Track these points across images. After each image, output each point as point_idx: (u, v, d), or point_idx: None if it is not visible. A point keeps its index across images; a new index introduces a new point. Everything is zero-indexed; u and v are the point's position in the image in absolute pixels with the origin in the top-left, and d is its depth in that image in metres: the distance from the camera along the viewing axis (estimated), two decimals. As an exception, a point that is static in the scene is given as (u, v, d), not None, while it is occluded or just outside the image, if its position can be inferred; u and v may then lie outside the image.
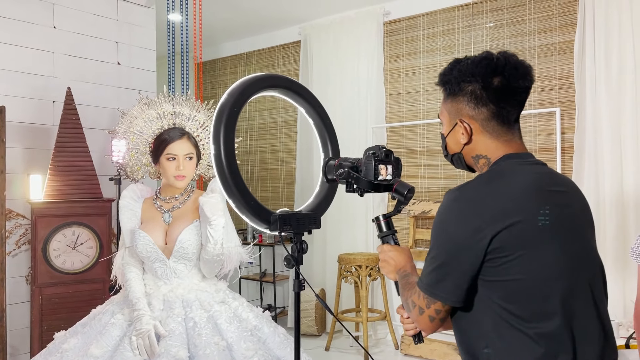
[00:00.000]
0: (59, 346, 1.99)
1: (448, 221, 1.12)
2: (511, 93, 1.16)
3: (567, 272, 1.08)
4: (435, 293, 1.12)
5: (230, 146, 1.60)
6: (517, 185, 1.11)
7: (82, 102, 3.54)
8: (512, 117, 1.18)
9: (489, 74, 1.15)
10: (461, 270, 1.09)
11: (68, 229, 3.09)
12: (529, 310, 1.06)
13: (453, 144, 1.25)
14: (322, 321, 4.67)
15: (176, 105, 2.20)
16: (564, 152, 3.63)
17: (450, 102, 1.23)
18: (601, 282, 1.18)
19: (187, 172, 2.10)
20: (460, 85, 1.19)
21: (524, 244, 1.06)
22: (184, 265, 2.08)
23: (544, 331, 1.05)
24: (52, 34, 3.55)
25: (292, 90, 1.81)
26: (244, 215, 1.63)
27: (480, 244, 1.06)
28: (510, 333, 1.06)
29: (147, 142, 2.18)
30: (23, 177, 3.35)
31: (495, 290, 1.08)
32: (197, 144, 2.18)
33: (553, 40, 3.69)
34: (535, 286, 1.06)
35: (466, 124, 1.20)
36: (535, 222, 1.07)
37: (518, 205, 1.07)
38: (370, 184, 1.41)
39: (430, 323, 1.16)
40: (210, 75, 5.88)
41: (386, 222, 1.41)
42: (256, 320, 2.10)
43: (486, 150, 1.20)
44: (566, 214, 1.13)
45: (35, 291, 3.01)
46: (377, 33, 4.48)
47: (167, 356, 1.82)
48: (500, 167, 1.16)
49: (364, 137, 4.48)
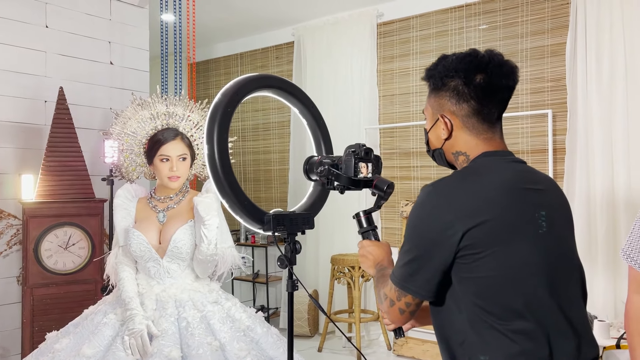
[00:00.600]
0: (50, 346, 1.98)
1: (421, 216, 1.13)
2: (493, 91, 1.16)
3: (537, 270, 1.09)
4: (406, 286, 1.13)
5: (224, 146, 1.60)
6: (492, 182, 1.11)
7: (74, 102, 3.52)
8: (494, 116, 1.19)
9: (472, 70, 1.15)
10: (432, 265, 1.10)
11: (60, 229, 3.07)
12: (502, 308, 1.07)
13: (434, 139, 1.26)
14: (314, 322, 4.67)
15: (169, 106, 2.19)
16: (556, 154, 3.66)
17: (433, 97, 1.24)
18: (576, 281, 1.17)
19: (180, 172, 2.10)
20: (444, 80, 1.19)
21: (496, 242, 1.06)
22: (178, 265, 2.08)
23: (518, 328, 1.06)
24: (45, 33, 3.53)
25: (286, 91, 1.81)
26: (237, 215, 1.63)
27: (451, 240, 1.07)
28: (485, 330, 1.07)
29: (141, 142, 2.17)
30: (14, 177, 3.33)
31: (469, 286, 1.09)
32: (191, 144, 2.18)
33: (545, 43, 3.72)
34: (506, 284, 1.07)
35: (447, 120, 1.20)
36: (507, 220, 1.08)
37: (491, 203, 1.08)
38: (350, 181, 1.42)
39: (400, 315, 1.17)
40: (204, 76, 5.87)
41: (366, 218, 1.42)
42: (249, 320, 2.10)
43: (466, 147, 1.20)
44: (540, 212, 1.13)
45: (27, 292, 2.99)
46: (371, 34, 4.49)
47: (160, 356, 1.82)
48: (477, 165, 1.17)
49: (357, 138, 4.48)
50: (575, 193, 3.50)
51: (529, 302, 1.07)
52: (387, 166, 4.44)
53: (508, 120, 3.83)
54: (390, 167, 4.43)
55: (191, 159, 2.16)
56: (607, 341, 2.84)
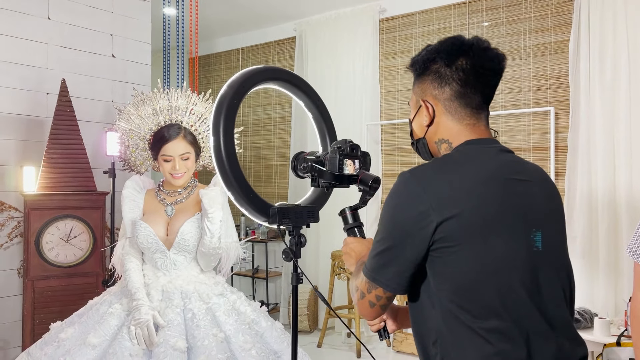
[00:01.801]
0: (55, 336, 1.99)
1: (395, 204, 1.06)
2: (476, 73, 1.11)
3: (517, 267, 1.02)
4: (376, 278, 1.07)
5: (230, 138, 1.60)
6: (472, 172, 1.05)
7: (76, 95, 3.51)
8: (477, 101, 1.13)
9: (454, 52, 1.11)
10: (404, 257, 1.04)
11: (61, 221, 3.07)
12: (477, 305, 1.00)
13: (417, 128, 1.21)
14: (314, 318, 4.68)
15: (172, 100, 2.16)
16: (558, 151, 3.66)
17: (417, 85, 1.19)
18: (562, 280, 1.09)
19: (184, 169, 2.09)
20: (426, 65, 1.15)
21: (473, 235, 1.00)
22: (184, 257, 2.08)
23: (493, 327, 0.99)
24: (47, 25, 3.51)
25: (292, 83, 1.80)
26: (242, 207, 1.63)
27: (425, 231, 1.01)
28: (459, 328, 1.01)
29: (145, 139, 2.16)
30: (16, 169, 3.32)
31: (444, 281, 1.02)
32: (195, 140, 2.15)
33: (548, 40, 3.72)
34: (483, 280, 1.00)
35: (429, 104, 1.15)
36: (486, 212, 1.01)
37: (469, 194, 1.02)
38: (334, 177, 1.39)
39: (370, 309, 1.12)
40: (205, 71, 5.86)
41: (352, 214, 1.39)
42: (254, 314, 2.11)
43: (448, 134, 1.14)
44: (526, 205, 1.06)
45: (28, 284, 2.98)
46: (373, 30, 4.49)
47: (166, 346, 1.82)
48: (459, 152, 1.11)
49: (359, 134, 4.49)
50: (577, 191, 3.50)
51: (506, 300, 1.00)
52: (388, 162, 4.44)
53: (510, 117, 3.84)
54: (391, 164, 4.43)
55: (196, 155, 2.15)
56: (608, 338, 2.85)
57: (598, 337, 2.91)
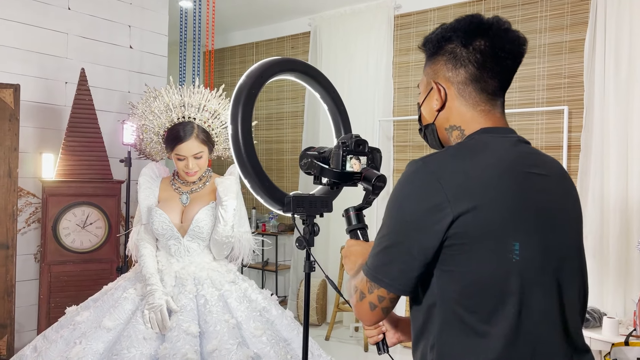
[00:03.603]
0: (71, 319, 2.03)
1: (405, 195, 0.96)
2: (495, 56, 1.01)
3: (532, 267, 0.94)
4: (379, 277, 0.97)
5: (248, 127, 1.63)
6: (489, 163, 0.96)
7: (93, 84, 3.57)
8: (493, 86, 1.04)
9: (472, 31, 1.02)
10: (413, 254, 0.94)
11: (78, 208, 3.13)
12: (486, 309, 0.92)
13: (427, 113, 1.11)
14: (322, 311, 4.72)
15: (184, 97, 2.18)
16: (570, 151, 3.66)
17: (429, 66, 1.09)
18: (577, 284, 1.02)
19: (197, 168, 2.13)
20: (440, 44, 1.06)
21: (489, 232, 0.92)
22: (197, 245, 2.12)
23: (500, 332, 0.91)
24: (67, 15, 3.57)
25: (309, 75, 1.83)
26: (258, 195, 1.66)
27: (439, 226, 0.92)
28: (462, 332, 0.93)
29: (158, 134, 2.19)
30: (35, 155, 3.39)
31: (453, 281, 0.94)
32: (209, 136, 2.17)
33: (563, 39, 3.71)
34: (494, 282, 0.92)
35: (441, 87, 1.06)
36: (504, 208, 0.93)
37: (487, 187, 0.93)
38: (335, 175, 1.30)
39: (370, 311, 1.00)
40: (219, 64, 5.90)
41: (356, 215, 1.29)
42: (265, 302, 2.14)
43: (460, 121, 1.05)
44: (544, 200, 0.98)
45: (44, 268, 3.05)
46: (388, 26, 4.50)
47: (179, 330, 1.86)
48: (473, 141, 1.01)
49: (371, 129, 4.51)
50: (589, 190, 3.50)
51: (520, 304, 0.92)
52: (400, 159, 4.46)
53: (523, 115, 3.84)
54: (403, 160, 4.45)
55: (209, 151, 2.19)
56: (616, 338, 2.86)
57: (606, 336, 2.92)
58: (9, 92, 2.95)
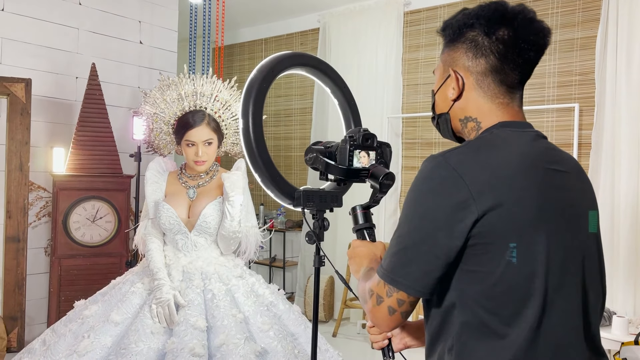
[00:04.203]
0: (79, 313, 2.05)
1: (426, 192, 0.91)
2: (518, 48, 0.97)
3: (556, 267, 0.91)
4: (397, 280, 0.92)
5: (258, 121, 1.63)
6: (513, 159, 0.92)
7: (104, 80, 3.58)
8: (514, 79, 1.00)
9: (496, 20, 0.98)
10: (435, 255, 0.89)
11: (88, 202, 3.15)
12: (508, 310, 0.89)
13: (442, 101, 1.07)
14: (330, 308, 4.72)
15: (197, 86, 2.19)
16: (581, 149, 3.63)
17: (447, 52, 1.05)
18: (597, 280, 1.00)
19: (206, 157, 2.13)
20: (461, 30, 1.01)
21: (513, 231, 0.88)
22: (205, 239, 2.13)
23: (521, 335, 0.88)
24: (78, 10, 3.59)
25: (320, 70, 1.83)
26: (268, 189, 1.66)
27: (463, 224, 0.88)
28: (483, 333, 0.90)
29: (169, 123, 2.20)
30: (46, 150, 3.41)
31: (474, 282, 0.90)
32: (219, 127, 2.18)
33: (575, 36, 3.68)
34: (518, 282, 0.89)
35: (459, 76, 1.02)
36: (527, 206, 0.89)
37: (510, 184, 0.89)
38: (340, 171, 1.25)
39: (389, 316, 0.95)
40: (228, 60, 5.91)
41: (363, 213, 1.24)
42: (272, 296, 2.14)
43: (477, 112, 1.01)
44: (565, 198, 0.95)
45: (55, 262, 3.07)
46: (397, 23, 4.48)
47: (186, 325, 1.87)
48: (493, 136, 0.97)
49: (379, 126, 4.50)
50: (599, 189, 3.47)
51: (543, 304, 0.89)
52: (408, 156, 4.45)
53: (533, 113, 3.81)
54: (412, 157, 4.44)
55: (218, 142, 2.19)
56: (626, 337, 2.84)
57: (616, 335, 2.90)
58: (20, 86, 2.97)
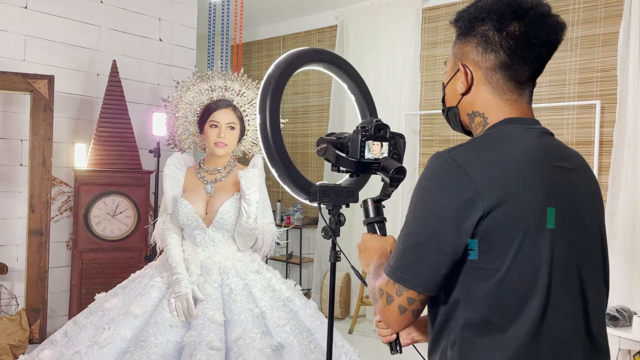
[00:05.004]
0: (100, 305, 2.09)
1: (433, 190, 0.91)
2: (529, 44, 0.96)
3: (560, 265, 0.91)
4: (405, 278, 0.92)
5: (276, 116, 1.64)
6: (519, 156, 0.92)
7: (124, 77, 3.63)
8: (524, 75, 0.99)
9: (508, 15, 0.96)
10: (442, 252, 0.90)
11: (108, 197, 3.20)
12: (512, 307, 0.89)
13: (451, 95, 1.06)
14: (346, 305, 4.73)
15: (227, 81, 2.26)
16: (602, 146, 3.57)
17: (458, 44, 1.04)
18: (601, 282, 1.00)
19: (227, 140, 2.15)
20: (473, 24, 1.00)
21: (518, 228, 0.88)
22: (222, 235, 2.15)
23: (523, 331, 0.89)
24: (99, 8, 3.65)
25: (337, 65, 1.84)
26: (285, 184, 1.67)
27: (470, 221, 0.88)
28: (485, 330, 0.91)
29: (195, 111, 2.24)
30: (68, 145, 3.48)
31: (479, 279, 0.90)
32: (242, 117, 2.23)
33: (597, 32, 3.62)
34: (522, 279, 0.89)
35: (468, 70, 1.01)
36: (534, 202, 0.89)
37: (517, 181, 0.89)
38: (351, 163, 1.24)
39: (399, 315, 0.95)
40: (246, 58, 5.94)
41: (374, 207, 1.23)
42: (288, 292, 2.16)
43: (484, 107, 1.01)
44: (571, 196, 0.95)
45: (76, 255, 3.13)
46: (415, 19, 4.46)
47: (204, 319, 1.89)
48: (499, 132, 0.97)
49: (397, 123, 4.48)
50: (621, 187, 3.42)
51: (546, 304, 0.90)
52: (425, 153, 4.43)
53: (553, 110, 3.77)
54: (429, 154, 4.41)
55: (240, 132, 2.22)
56: None
57: (637, 335, 2.86)
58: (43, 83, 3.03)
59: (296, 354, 1.91)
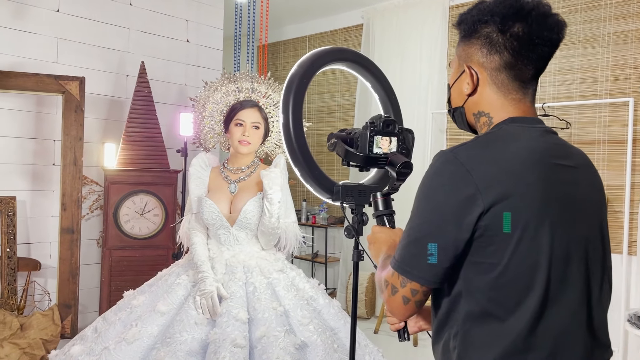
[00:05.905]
0: (128, 303, 2.13)
1: (436, 187, 0.95)
2: (532, 44, 0.99)
3: (559, 260, 0.94)
4: (409, 271, 0.96)
5: (298, 116, 1.65)
6: (519, 154, 0.95)
7: (152, 77, 3.70)
8: (528, 74, 1.02)
9: (511, 16, 0.99)
10: (444, 246, 0.94)
11: (137, 196, 3.26)
12: (512, 300, 0.92)
13: (457, 96, 1.09)
14: (371, 304, 4.71)
15: (254, 83, 2.30)
16: (636, 145, 3.47)
17: (462, 46, 1.07)
18: (602, 277, 1.02)
19: (251, 139, 2.18)
20: (476, 26, 1.02)
21: (519, 224, 0.91)
22: (246, 234, 2.17)
23: (523, 323, 0.92)
24: (128, 10, 3.72)
25: (360, 64, 1.83)
26: (308, 184, 1.68)
27: (471, 217, 0.92)
28: (486, 322, 0.94)
29: (222, 111, 2.28)
30: (98, 145, 3.56)
31: (480, 273, 0.94)
32: (267, 118, 2.26)
33: (629, 27, 3.52)
34: (522, 274, 0.92)
35: (474, 71, 1.04)
36: (532, 200, 0.92)
37: (517, 179, 0.93)
38: (359, 158, 1.27)
39: (403, 306, 0.99)
40: (272, 58, 5.98)
41: (384, 200, 1.27)
42: (312, 291, 2.16)
43: (489, 107, 1.04)
44: (571, 193, 0.98)
45: (106, 253, 3.20)
46: (442, 18, 4.41)
47: (228, 316, 1.91)
48: (502, 131, 1.00)
49: (423, 122, 4.45)
50: (655, 187, 3.31)
51: (545, 298, 0.92)
52: (452, 152, 4.37)
53: (585, 108, 3.67)
54: (456, 153, 4.36)
55: (265, 132, 2.23)
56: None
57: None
58: (74, 84, 3.11)
59: (319, 353, 1.91)
